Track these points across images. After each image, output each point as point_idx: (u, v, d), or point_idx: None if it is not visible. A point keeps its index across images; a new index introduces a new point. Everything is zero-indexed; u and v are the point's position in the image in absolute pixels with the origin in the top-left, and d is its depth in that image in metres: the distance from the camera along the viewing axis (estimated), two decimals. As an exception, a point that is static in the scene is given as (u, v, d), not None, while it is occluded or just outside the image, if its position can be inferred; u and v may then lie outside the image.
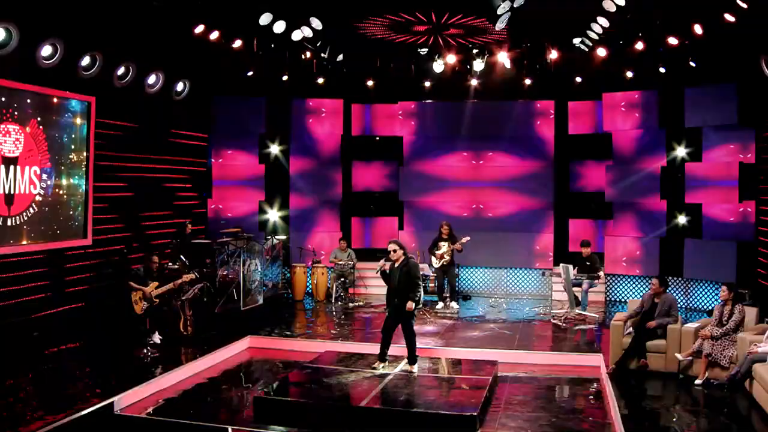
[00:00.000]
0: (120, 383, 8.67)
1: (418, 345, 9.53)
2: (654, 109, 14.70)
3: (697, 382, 8.91)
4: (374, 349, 9.75)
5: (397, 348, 9.63)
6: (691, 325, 9.48)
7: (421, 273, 10.13)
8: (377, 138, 16.67)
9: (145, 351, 10.25)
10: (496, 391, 9.03)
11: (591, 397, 8.99)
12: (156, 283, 10.72)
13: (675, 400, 8.63)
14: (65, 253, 11.90)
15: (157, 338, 10.72)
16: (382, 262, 9.47)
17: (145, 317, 10.62)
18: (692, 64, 12.80)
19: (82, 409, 7.72)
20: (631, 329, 9.68)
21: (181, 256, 12.23)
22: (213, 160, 16.05)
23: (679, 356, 9.22)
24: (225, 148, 16.09)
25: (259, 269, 13.16)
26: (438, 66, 14.24)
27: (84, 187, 12.30)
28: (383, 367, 9.32)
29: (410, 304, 9.11)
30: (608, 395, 8.71)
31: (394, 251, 9.30)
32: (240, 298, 12.39)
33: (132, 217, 13.52)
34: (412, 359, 9.35)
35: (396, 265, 9.31)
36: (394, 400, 8.15)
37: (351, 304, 14.47)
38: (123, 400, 8.26)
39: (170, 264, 12.11)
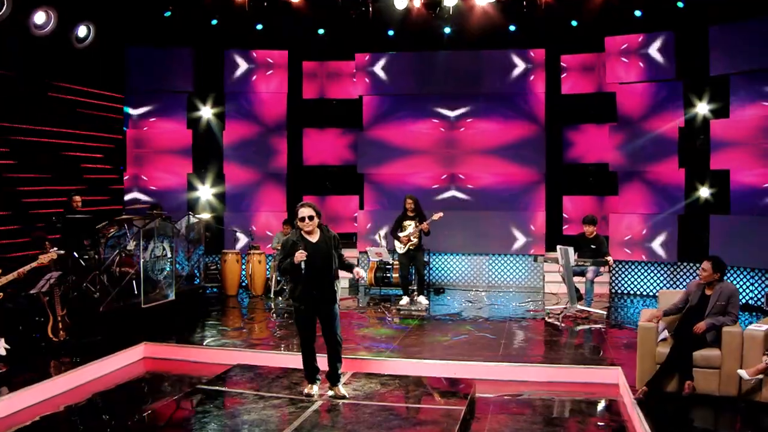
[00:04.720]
0: None
1: (363, 354, 6.69)
2: (670, 56, 11.97)
3: (772, 412, 6.05)
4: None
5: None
6: (759, 327, 6.46)
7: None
8: (334, 102, 13.84)
9: (-15, 366, 7.32)
10: (473, 425, 6.20)
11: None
12: (-2, 271, 7.77)
13: (735, 438, 5.86)
14: None
15: (1, 348, 7.74)
16: (299, 253, 6.19)
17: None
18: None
19: None
20: (665, 333, 6.80)
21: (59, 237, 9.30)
22: (128, 124, 13.11)
23: (742, 374, 6.29)
24: (143, 110, 13.12)
25: (170, 255, 10.22)
26: (400, 2, 11.42)
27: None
28: (313, 389, 6.47)
29: (359, 270, 6.50)
30: (636, 429, 5.91)
31: (310, 218, 6.32)
32: (140, 292, 9.46)
33: (13, 193, 10.69)
34: (336, 377, 6.48)
35: (314, 240, 6.37)
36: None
37: (295, 301, 11.61)
38: None
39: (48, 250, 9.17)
